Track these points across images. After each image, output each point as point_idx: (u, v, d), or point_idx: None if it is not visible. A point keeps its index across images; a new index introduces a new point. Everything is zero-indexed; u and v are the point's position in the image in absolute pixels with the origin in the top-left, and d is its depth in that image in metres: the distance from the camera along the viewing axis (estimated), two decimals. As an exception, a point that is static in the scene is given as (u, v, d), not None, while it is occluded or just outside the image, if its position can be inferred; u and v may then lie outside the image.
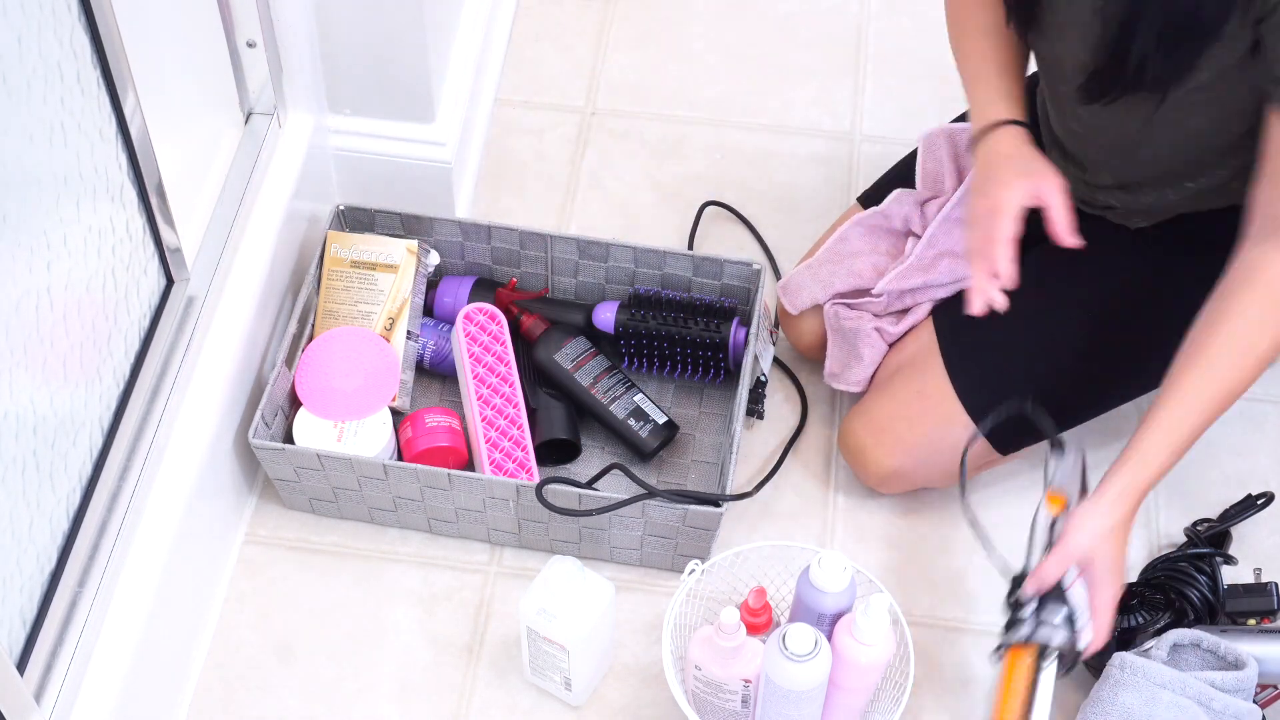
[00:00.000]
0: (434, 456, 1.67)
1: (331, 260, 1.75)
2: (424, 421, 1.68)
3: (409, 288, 1.74)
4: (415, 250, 1.75)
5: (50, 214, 1.31)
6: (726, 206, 1.99)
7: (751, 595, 1.50)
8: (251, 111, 1.74)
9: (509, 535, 1.67)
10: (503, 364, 1.70)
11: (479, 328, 1.72)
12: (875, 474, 1.69)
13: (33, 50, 1.24)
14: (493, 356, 1.70)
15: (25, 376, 1.28)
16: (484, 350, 1.70)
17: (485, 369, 1.69)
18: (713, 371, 1.76)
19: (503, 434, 1.66)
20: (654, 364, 1.76)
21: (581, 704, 1.59)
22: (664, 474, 1.74)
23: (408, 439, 1.68)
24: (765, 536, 1.70)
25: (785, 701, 1.41)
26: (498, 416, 1.67)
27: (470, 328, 1.71)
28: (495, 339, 1.71)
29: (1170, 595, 1.58)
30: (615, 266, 1.78)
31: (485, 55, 2.04)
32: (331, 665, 1.61)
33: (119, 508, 1.46)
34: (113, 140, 1.41)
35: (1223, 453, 1.79)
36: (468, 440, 1.70)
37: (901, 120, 2.09)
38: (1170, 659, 1.48)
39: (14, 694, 1.26)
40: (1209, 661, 1.49)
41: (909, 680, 1.48)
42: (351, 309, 1.73)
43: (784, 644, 1.38)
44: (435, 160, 1.85)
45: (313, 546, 1.70)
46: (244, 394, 1.66)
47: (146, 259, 1.52)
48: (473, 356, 1.70)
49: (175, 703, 1.57)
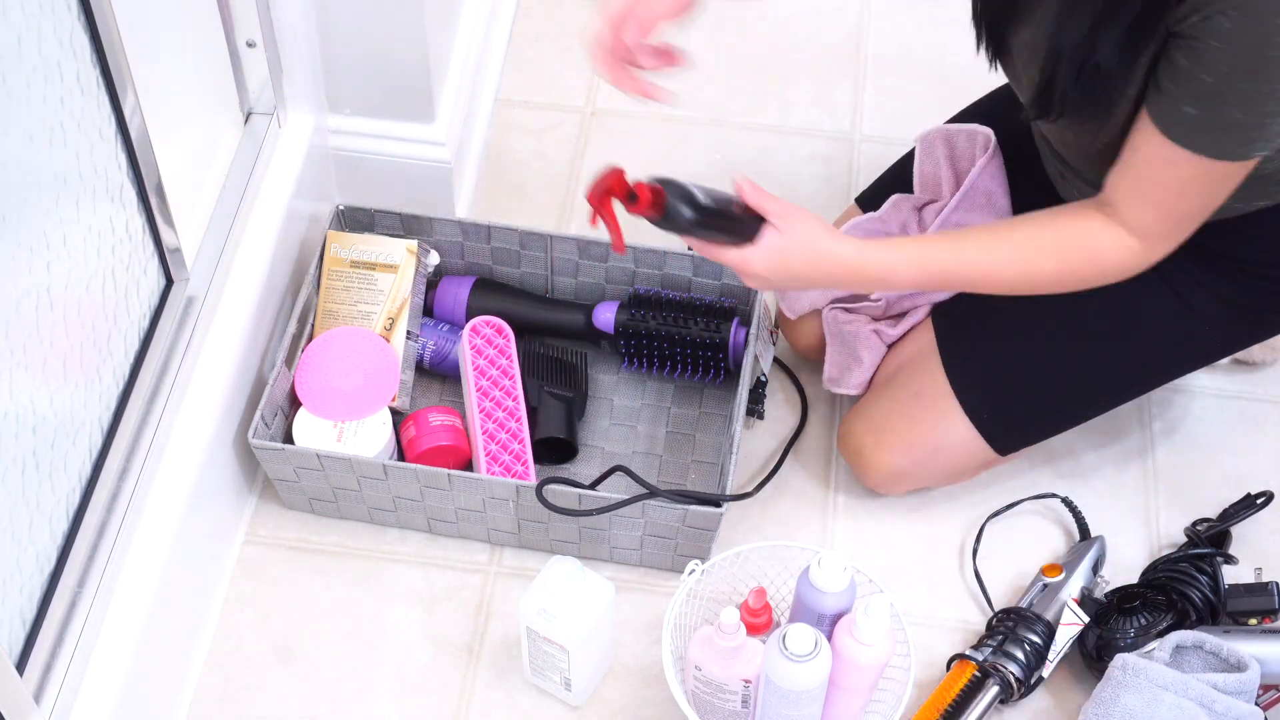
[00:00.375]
0: (436, 455, 1.67)
1: (331, 260, 1.75)
2: (427, 420, 1.68)
3: (409, 288, 1.74)
4: (415, 250, 1.75)
5: (50, 214, 1.31)
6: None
7: (751, 595, 1.50)
8: (251, 111, 1.74)
9: (509, 535, 1.67)
10: (507, 377, 1.70)
11: (485, 340, 1.72)
12: (875, 475, 1.69)
13: (33, 50, 1.24)
14: (497, 370, 1.70)
15: (25, 376, 1.28)
16: (489, 364, 1.70)
17: (490, 382, 1.70)
18: (713, 371, 1.76)
19: (503, 447, 1.66)
20: (654, 364, 1.76)
21: (581, 704, 1.59)
22: (664, 474, 1.74)
23: (410, 438, 1.68)
24: (765, 536, 1.70)
25: (785, 702, 1.41)
26: (499, 430, 1.67)
27: (476, 340, 1.71)
28: (501, 352, 1.72)
29: (1173, 596, 1.58)
30: (615, 267, 1.78)
31: (485, 55, 2.04)
32: (331, 665, 1.61)
33: (119, 508, 1.46)
34: (112, 140, 1.41)
35: (1223, 453, 1.79)
36: (470, 441, 1.70)
37: (901, 120, 2.09)
38: (1172, 661, 1.48)
39: (14, 694, 1.26)
40: (1211, 663, 1.49)
41: (909, 680, 1.48)
42: (351, 309, 1.73)
43: (784, 644, 1.38)
44: (435, 160, 1.85)
45: (313, 546, 1.69)
46: (244, 394, 1.66)
47: (146, 259, 1.52)
48: (477, 369, 1.70)
49: (175, 703, 1.57)
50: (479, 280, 1.81)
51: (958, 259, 1.48)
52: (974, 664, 1.55)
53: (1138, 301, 1.59)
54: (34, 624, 1.35)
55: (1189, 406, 1.82)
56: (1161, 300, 1.58)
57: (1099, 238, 1.44)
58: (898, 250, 1.48)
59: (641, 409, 1.79)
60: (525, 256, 1.80)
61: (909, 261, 1.48)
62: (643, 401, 1.79)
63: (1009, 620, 1.58)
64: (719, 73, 2.14)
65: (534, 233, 1.77)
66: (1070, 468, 1.77)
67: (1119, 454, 1.78)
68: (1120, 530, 1.72)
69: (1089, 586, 1.60)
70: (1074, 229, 1.46)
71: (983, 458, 1.67)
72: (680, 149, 2.06)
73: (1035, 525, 1.73)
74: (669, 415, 1.78)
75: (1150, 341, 1.61)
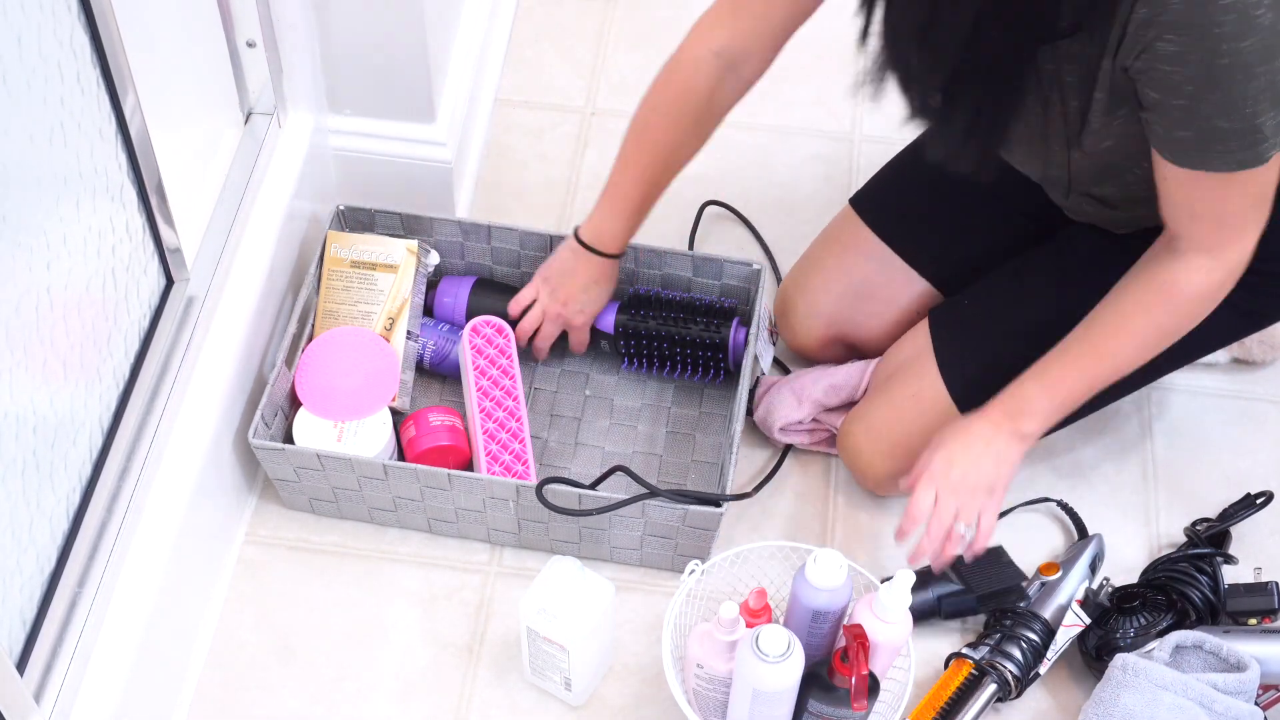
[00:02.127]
0: (436, 455, 1.67)
1: (331, 260, 1.75)
2: (427, 420, 1.68)
3: (409, 288, 1.74)
4: (415, 250, 1.75)
5: (50, 214, 1.31)
6: (727, 206, 1.99)
7: (752, 596, 1.50)
8: (251, 111, 1.74)
9: (509, 535, 1.67)
10: (507, 377, 1.70)
11: (485, 340, 1.72)
12: (873, 477, 1.69)
13: (33, 50, 1.24)
14: (498, 370, 1.70)
15: (25, 376, 1.28)
16: (489, 364, 1.70)
17: (490, 382, 1.70)
18: (713, 371, 1.76)
19: (504, 447, 1.66)
20: (653, 364, 1.76)
21: (581, 704, 1.59)
22: (664, 474, 1.74)
23: (410, 438, 1.68)
24: (765, 536, 1.70)
25: (757, 700, 1.41)
26: (499, 430, 1.67)
27: (477, 340, 1.72)
28: (501, 352, 1.72)
29: (1173, 596, 1.58)
30: (615, 266, 1.78)
31: (485, 55, 2.04)
32: (331, 665, 1.61)
33: (119, 508, 1.46)
34: (112, 140, 1.41)
35: (1223, 453, 1.79)
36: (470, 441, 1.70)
37: (901, 120, 2.08)
38: (1172, 660, 1.48)
39: (14, 694, 1.26)
40: (1211, 663, 1.49)
41: (909, 680, 1.48)
42: (351, 309, 1.73)
43: (757, 644, 1.38)
44: (435, 160, 1.85)
45: (313, 546, 1.69)
46: (244, 394, 1.66)
47: (146, 259, 1.52)
48: (478, 369, 1.70)
49: (175, 703, 1.57)
50: (479, 280, 1.81)
51: (1079, 375, 1.52)
52: (971, 662, 1.55)
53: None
54: (34, 624, 1.35)
55: (1189, 406, 1.82)
56: None
57: (1171, 270, 1.46)
58: (1022, 388, 1.53)
59: (642, 409, 1.79)
60: (525, 256, 1.80)
61: (1040, 391, 1.52)
62: (643, 401, 1.79)
63: (1006, 619, 1.58)
64: (719, 73, 2.14)
65: (534, 233, 1.77)
66: (1070, 467, 1.77)
67: (1119, 453, 1.78)
68: (1120, 530, 1.72)
69: (1093, 588, 1.60)
70: (1145, 276, 1.48)
71: (982, 458, 1.67)
72: (680, 149, 2.06)
73: (1033, 524, 1.73)
74: (669, 415, 1.78)
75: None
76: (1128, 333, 1.49)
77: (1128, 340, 1.50)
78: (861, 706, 1.41)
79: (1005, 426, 1.52)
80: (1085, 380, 1.52)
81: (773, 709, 1.42)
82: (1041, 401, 1.52)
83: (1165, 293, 1.47)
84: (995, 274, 1.68)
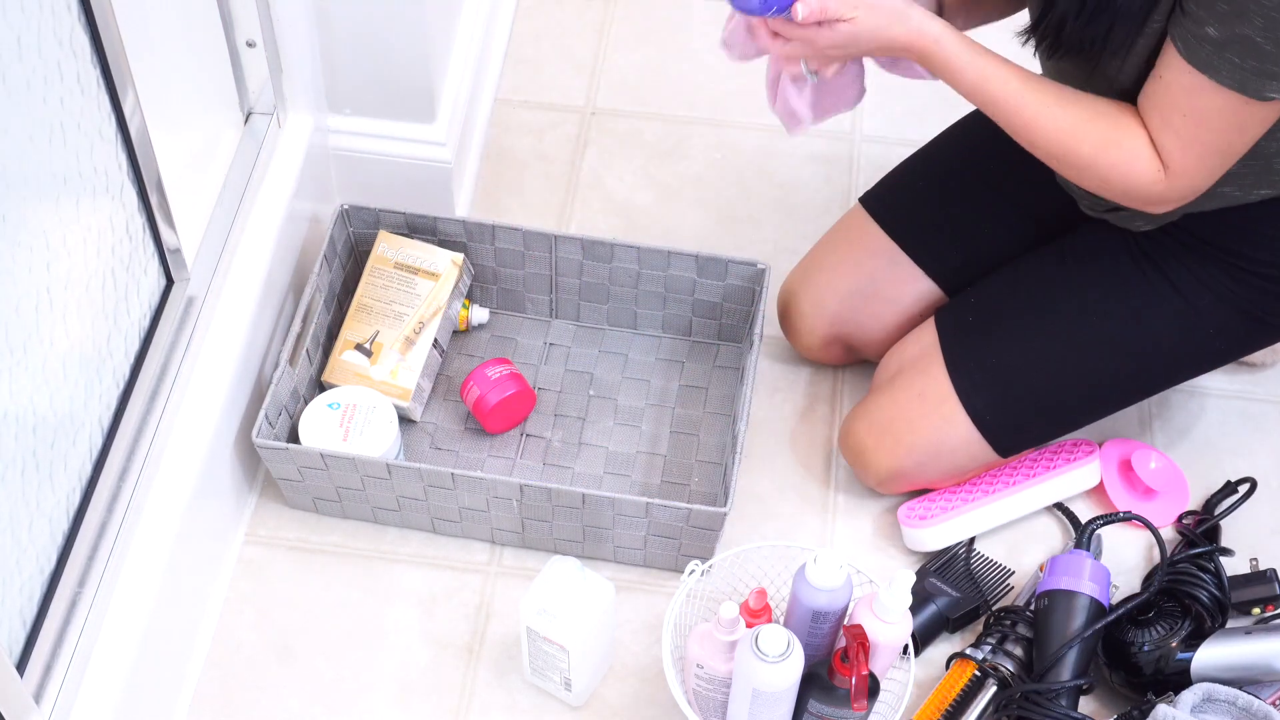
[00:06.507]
0: (510, 405, 1.73)
1: (377, 258, 1.78)
2: (486, 377, 1.73)
3: (445, 298, 1.75)
4: (460, 264, 1.76)
5: (50, 214, 1.31)
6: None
7: (753, 596, 1.50)
8: (251, 111, 1.74)
9: (512, 534, 1.67)
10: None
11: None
12: (876, 475, 1.69)
13: (33, 50, 1.24)
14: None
15: (25, 376, 1.28)
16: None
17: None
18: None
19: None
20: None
21: (581, 704, 1.59)
22: (667, 474, 1.74)
23: (476, 398, 1.72)
24: (765, 536, 1.70)
25: (758, 701, 1.41)
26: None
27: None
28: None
29: (1185, 602, 1.57)
30: (620, 268, 1.78)
31: (485, 55, 2.04)
32: (331, 665, 1.61)
33: (119, 508, 1.46)
34: (112, 140, 1.41)
35: (1223, 453, 1.79)
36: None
37: (901, 120, 2.09)
38: (1196, 712, 1.47)
39: (14, 694, 1.26)
40: (1235, 715, 1.48)
41: (909, 680, 1.48)
42: (386, 307, 1.75)
43: (756, 644, 1.38)
44: (435, 160, 1.85)
45: (313, 546, 1.69)
46: (244, 394, 1.66)
47: (146, 259, 1.52)
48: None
49: (175, 703, 1.57)
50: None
51: (1017, 97, 1.46)
52: (974, 663, 1.55)
53: (1142, 304, 1.59)
54: (34, 624, 1.35)
55: (1189, 406, 1.82)
56: (1166, 303, 1.58)
57: (1139, 148, 1.43)
58: (971, 54, 1.46)
59: (645, 409, 1.79)
60: (529, 257, 1.80)
61: (975, 70, 1.45)
62: (647, 401, 1.79)
63: (1007, 619, 1.58)
64: (719, 73, 2.14)
65: (538, 233, 1.77)
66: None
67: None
68: (1119, 529, 1.72)
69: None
70: (1125, 130, 1.44)
71: (984, 458, 1.67)
72: (680, 149, 2.06)
73: (1033, 524, 1.73)
74: (673, 415, 1.78)
75: (1155, 346, 1.60)
76: (1066, 144, 1.45)
77: (1059, 145, 1.45)
78: (861, 707, 1.41)
79: (919, 39, 1.45)
80: (1002, 114, 1.47)
81: (773, 709, 1.42)
82: (964, 56, 1.44)
83: (1121, 155, 1.43)
84: (1003, 274, 1.68)
